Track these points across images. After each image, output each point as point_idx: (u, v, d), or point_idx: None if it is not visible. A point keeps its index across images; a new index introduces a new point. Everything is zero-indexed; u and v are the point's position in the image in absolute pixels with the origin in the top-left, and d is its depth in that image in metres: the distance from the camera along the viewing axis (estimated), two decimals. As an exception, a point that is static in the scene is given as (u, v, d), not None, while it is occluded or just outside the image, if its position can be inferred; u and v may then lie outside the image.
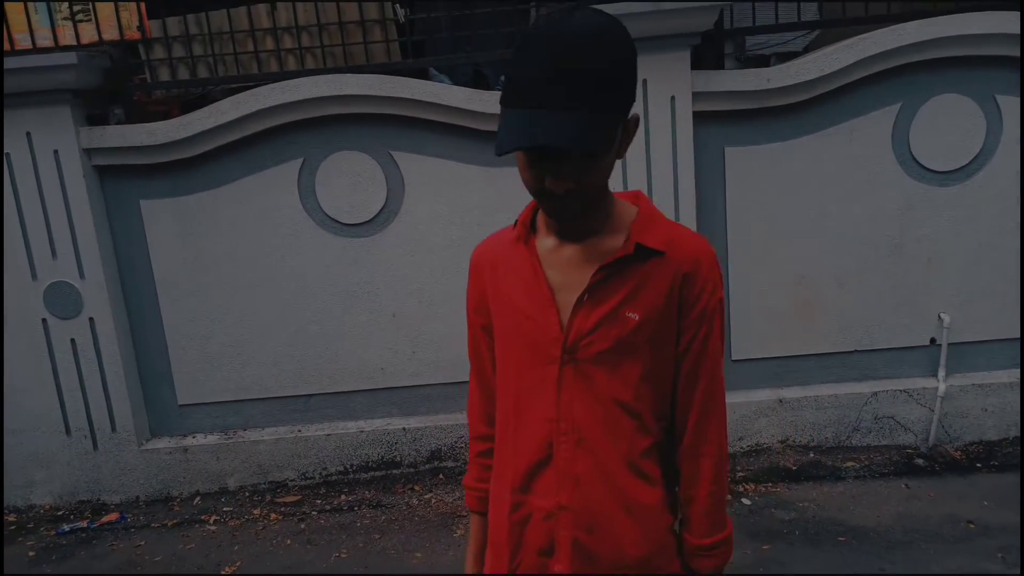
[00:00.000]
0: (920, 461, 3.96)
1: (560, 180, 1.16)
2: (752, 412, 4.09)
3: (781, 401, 4.09)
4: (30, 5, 3.94)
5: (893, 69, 3.85)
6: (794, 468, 3.96)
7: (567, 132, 1.09)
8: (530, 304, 1.28)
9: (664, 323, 1.25)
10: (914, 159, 3.94)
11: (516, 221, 1.36)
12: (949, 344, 4.04)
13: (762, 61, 4.47)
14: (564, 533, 1.28)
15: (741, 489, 3.81)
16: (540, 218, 1.32)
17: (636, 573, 1.29)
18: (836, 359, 4.15)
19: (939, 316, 4.06)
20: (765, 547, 3.30)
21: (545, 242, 1.30)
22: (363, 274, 4.12)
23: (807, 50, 4.38)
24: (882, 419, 4.10)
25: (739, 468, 4.00)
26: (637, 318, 1.23)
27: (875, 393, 4.08)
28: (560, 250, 1.27)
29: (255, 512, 4.03)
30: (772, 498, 3.72)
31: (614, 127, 1.18)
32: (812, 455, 4.08)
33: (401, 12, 4.22)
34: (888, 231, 4.01)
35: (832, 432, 4.13)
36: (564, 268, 1.26)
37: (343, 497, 4.12)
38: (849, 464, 3.97)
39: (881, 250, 4.03)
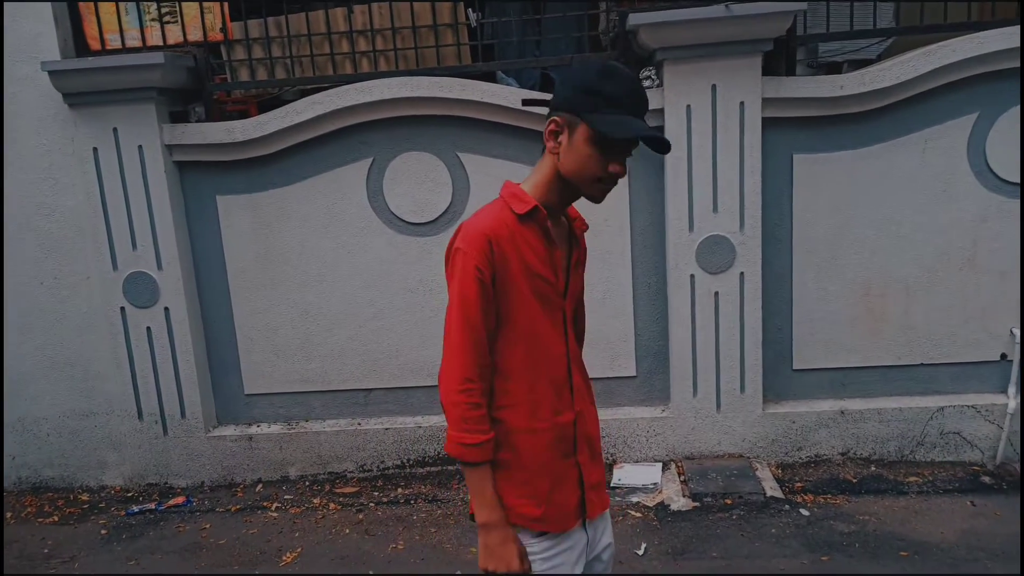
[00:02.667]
0: (986, 479, 3.86)
1: (624, 168, 1.63)
2: (813, 423, 4.04)
3: (843, 412, 4.03)
4: (121, 6, 4.13)
5: (971, 78, 3.78)
6: (855, 481, 3.90)
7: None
8: (547, 270, 1.66)
9: (584, 267, 1.84)
10: (990, 170, 3.85)
11: (520, 208, 1.65)
12: (1021, 360, 3.93)
13: (834, 68, 4.41)
14: (580, 432, 1.74)
15: (799, 500, 3.76)
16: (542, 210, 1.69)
17: (599, 441, 1.85)
18: (902, 372, 4.08)
19: (1011, 331, 3.95)
20: (824, 558, 3.26)
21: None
22: (426, 272, 4.19)
23: (880, 58, 4.31)
24: (948, 435, 4.01)
25: (797, 479, 3.96)
26: (581, 269, 1.81)
27: (941, 408, 3.99)
28: (554, 229, 1.71)
29: (315, 501, 4.13)
30: (831, 510, 3.66)
31: None
32: (873, 468, 4.00)
33: (473, 16, 4.30)
34: (960, 243, 3.93)
35: (895, 446, 4.05)
36: (559, 242, 1.72)
37: (400, 490, 4.19)
38: (912, 479, 3.89)
39: (952, 262, 3.95)
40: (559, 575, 1.69)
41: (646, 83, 3.92)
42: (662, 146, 1.58)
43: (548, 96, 1.66)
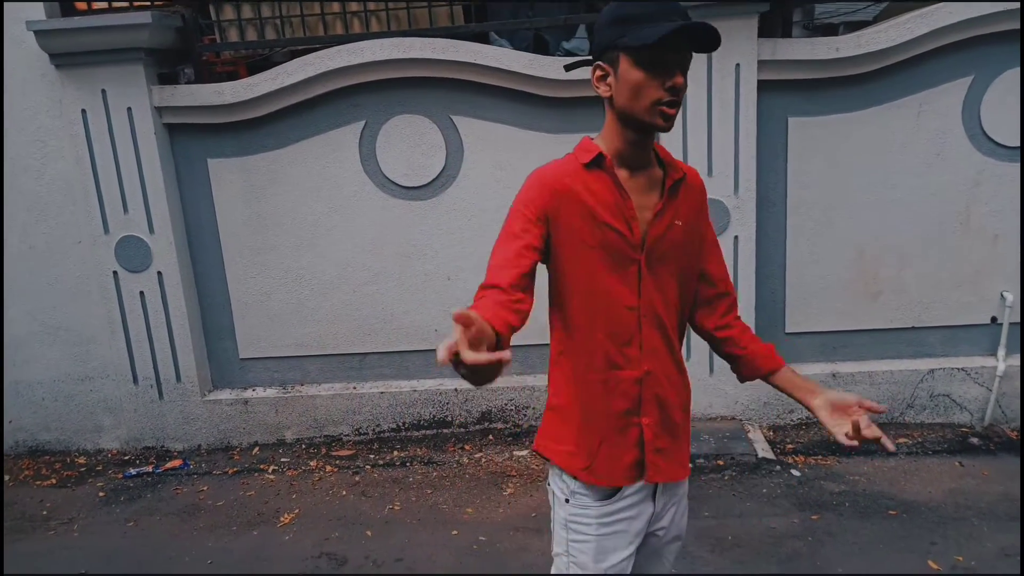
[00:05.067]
0: (975, 440, 3.92)
1: (684, 77, 1.51)
2: (804, 385, 4.08)
3: (835, 375, 4.07)
4: (107, -36, 4.05)
5: (967, 40, 3.76)
6: (845, 442, 3.95)
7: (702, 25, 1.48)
8: (615, 219, 1.59)
9: (695, 228, 1.70)
10: (984, 133, 3.84)
11: (585, 157, 1.61)
12: (1011, 323, 3.97)
13: (830, 30, 4.38)
14: (648, 392, 1.66)
15: (791, 460, 3.82)
16: (609, 154, 1.62)
17: (683, 412, 1.74)
18: (893, 335, 4.12)
19: (1002, 295, 3.98)
20: (814, 517, 3.31)
21: (620, 172, 1.62)
22: (420, 236, 4.18)
23: (876, 20, 4.27)
24: (937, 397, 4.06)
25: (788, 440, 4.01)
26: (681, 224, 1.66)
27: (931, 371, 4.04)
28: (634, 179, 1.63)
29: (311, 464, 4.17)
30: (822, 470, 3.72)
31: None
32: (864, 430, 4.06)
33: (466, -25, 4.23)
34: (954, 206, 3.94)
35: (886, 408, 4.09)
36: (637, 193, 1.62)
37: (396, 453, 4.23)
38: (902, 440, 3.95)
39: (946, 226, 3.96)
40: (602, 544, 1.68)
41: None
42: (708, 36, 1.48)
43: (587, 57, 1.62)
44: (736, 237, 3.94)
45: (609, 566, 1.68)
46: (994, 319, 4.03)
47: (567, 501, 1.70)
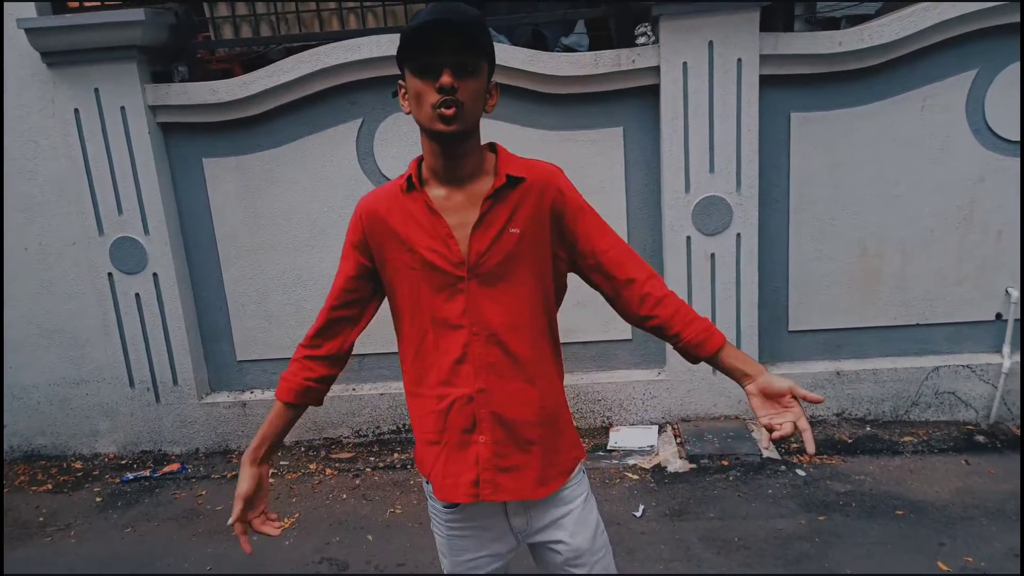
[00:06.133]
0: (981, 438, 3.89)
1: (459, 77, 1.43)
2: (808, 384, 4.04)
3: (838, 373, 4.03)
4: (98, -38, 3.98)
5: (970, 34, 3.71)
6: (850, 441, 3.92)
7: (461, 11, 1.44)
8: (432, 240, 1.56)
9: (540, 232, 1.60)
10: (989, 128, 3.80)
11: (401, 181, 1.60)
12: (1016, 320, 3.93)
13: (832, 24, 4.33)
14: (484, 411, 1.60)
15: (796, 460, 3.78)
16: (427, 173, 1.59)
17: (541, 427, 1.64)
18: (897, 332, 4.08)
19: (1006, 291, 3.95)
20: (821, 518, 3.28)
21: (437, 192, 1.58)
22: (419, 236, 4.13)
23: (878, 13, 4.23)
24: (942, 394, 4.02)
25: (793, 439, 3.96)
26: (518, 231, 1.57)
27: (936, 368, 4.00)
28: (451, 197, 1.57)
29: (311, 467, 4.12)
30: (827, 470, 3.68)
31: (487, 61, 1.51)
32: (869, 428, 4.02)
33: (463, -29, 4.17)
34: (957, 202, 3.90)
35: (890, 406, 4.06)
36: (457, 211, 1.57)
37: (396, 456, 4.19)
38: (907, 439, 3.91)
39: (949, 221, 3.92)
40: (452, 543, 1.73)
41: (641, 39, 3.83)
42: (467, 26, 1.42)
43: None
44: (738, 234, 3.89)
45: (463, 561, 1.74)
46: (999, 315, 3.99)
47: (429, 497, 1.75)
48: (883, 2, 4.30)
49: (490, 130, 3.90)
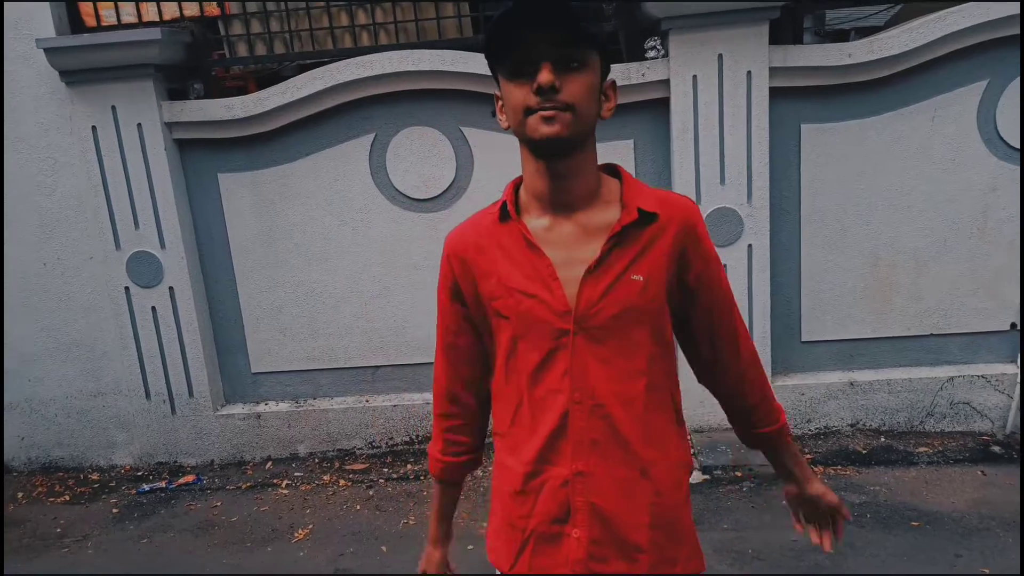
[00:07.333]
0: (997, 448, 3.86)
1: (546, 73, 1.17)
2: (822, 395, 4.04)
3: (852, 384, 4.02)
4: (117, -19, 4.06)
5: (980, 44, 3.72)
6: (864, 452, 3.90)
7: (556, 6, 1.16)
8: (530, 282, 1.29)
9: (663, 281, 1.31)
10: (1000, 138, 3.80)
11: (494, 208, 1.37)
12: (1031, 330, 3.92)
13: (841, 36, 4.35)
14: (581, 499, 1.31)
15: (809, 471, 3.77)
16: (527, 198, 1.34)
17: (652, 531, 1.33)
18: (911, 342, 4.06)
19: (1021, 300, 3.93)
20: (835, 529, 3.26)
21: (538, 221, 1.31)
22: (431, 248, 4.16)
23: (887, 25, 4.24)
24: (957, 405, 4.00)
25: (807, 450, 3.96)
26: (642, 279, 1.28)
27: (951, 378, 3.98)
28: (555, 228, 1.30)
29: (325, 478, 4.14)
30: (842, 481, 3.67)
31: (597, 53, 1.23)
32: (883, 439, 4.01)
33: (474, -13, 4.22)
34: (970, 212, 3.89)
35: (905, 417, 4.05)
36: (564, 245, 1.29)
37: (409, 467, 4.20)
38: (922, 449, 3.89)
39: (962, 232, 3.91)
40: None
41: (651, 53, 3.86)
42: (554, 7, 1.17)
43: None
44: (750, 246, 3.90)
45: None
46: (1014, 325, 3.97)
47: None
48: (892, 13, 4.31)
49: (505, 143, 3.96)
